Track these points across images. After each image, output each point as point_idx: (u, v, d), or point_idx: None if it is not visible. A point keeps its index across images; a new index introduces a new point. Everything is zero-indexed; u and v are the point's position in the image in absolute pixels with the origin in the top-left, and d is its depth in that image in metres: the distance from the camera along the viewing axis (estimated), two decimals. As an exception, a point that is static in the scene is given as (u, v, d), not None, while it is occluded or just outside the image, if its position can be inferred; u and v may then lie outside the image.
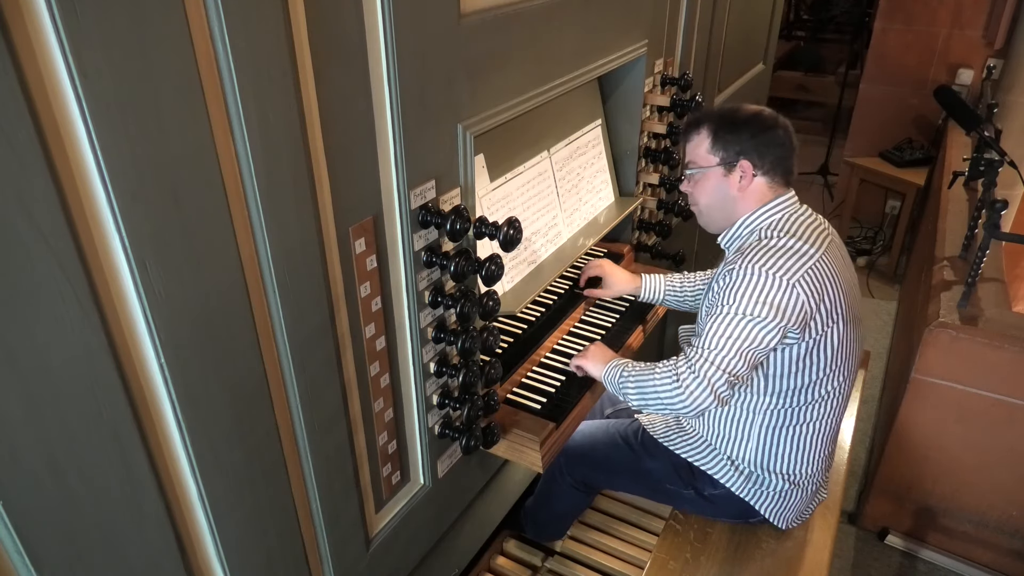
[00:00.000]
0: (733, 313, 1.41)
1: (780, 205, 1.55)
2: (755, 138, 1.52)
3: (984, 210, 2.41)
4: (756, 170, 1.53)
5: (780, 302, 1.40)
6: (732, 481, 1.69)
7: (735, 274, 1.44)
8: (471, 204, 1.29)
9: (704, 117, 1.58)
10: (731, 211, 1.58)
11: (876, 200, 4.65)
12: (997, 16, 3.89)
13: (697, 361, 1.42)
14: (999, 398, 2.20)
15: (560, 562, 2.11)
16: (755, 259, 1.43)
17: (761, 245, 1.47)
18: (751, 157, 1.52)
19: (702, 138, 1.57)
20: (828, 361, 1.52)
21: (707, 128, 1.56)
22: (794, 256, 1.43)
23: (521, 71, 1.34)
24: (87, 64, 0.65)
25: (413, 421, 1.32)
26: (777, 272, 1.41)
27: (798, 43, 6.83)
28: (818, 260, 1.44)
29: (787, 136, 1.54)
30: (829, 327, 1.48)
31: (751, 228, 1.56)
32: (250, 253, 0.89)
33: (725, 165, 1.55)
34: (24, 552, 0.73)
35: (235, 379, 0.90)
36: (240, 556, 0.99)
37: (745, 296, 1.41)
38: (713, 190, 1.58)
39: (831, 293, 1.46)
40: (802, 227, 1.50)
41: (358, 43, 0.95)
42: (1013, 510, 2.35)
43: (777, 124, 1.53)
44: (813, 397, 1.57)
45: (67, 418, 0.73)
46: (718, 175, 1.56)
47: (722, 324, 1.42)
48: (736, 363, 1.40)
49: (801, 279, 1.41)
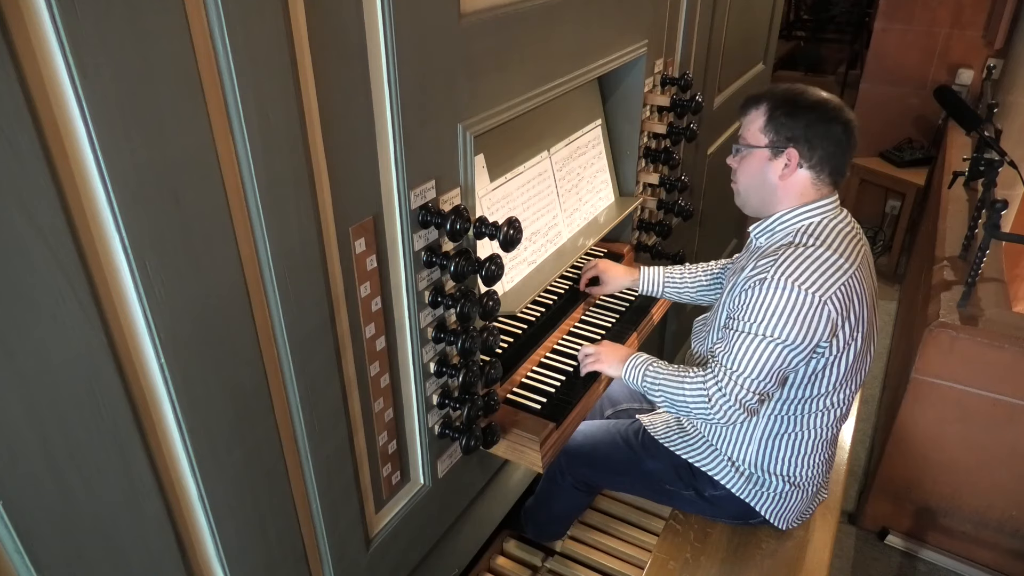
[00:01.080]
0: (762, 335, 1.39)
1: (821, 208, 1.48)
2: (810, 127, 1.43)
3: (984, 210, 2.41)
4: (803, 161, 1.46)
5: (811, 320, 1.37)
6: (732, 482, 1.69)
7: (767, 287, 1.39)
8: (471, 204, 1.29)
9: (767, 94, 1.50)
10: (769, 200, 1.52)
11: (876, 200, 4.65)
12: (997, 16, 3.89)
13: (727, 384, 1.42)
14: (999, 398, 2.20)
15: (560, 562, 2.11)
16: (787, 270, 1.38)
17: (795, 253, 1.41)
18: (801, 147, 1.45)
19: (758, 115, 1.49)
20: (841, 376, 1.51)
21: (766, 106, 1.48)
22: (829, 270, 1.38)
23: (521, 71, 1.34)
24: (87, 64, 0.65)
25: (413, 421, 1.32)
26: (810, 288, 1.36)
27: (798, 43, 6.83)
28: (851, 276, 1.40)
29: (846, 134, 1.45)
30: (850, 344, 1.46)
31: (786, 227, 1.50)
32: (250, 253, 0.89)
33: (773, 149, 1.47)
34: (24, 552, 0.73)
35: (235, 379, 0.90)
36: (240, 556, 0.99)
37: (775, 316, 1.37)
38: (755, 172, 1.51)
39: (856, 309, 1.43)
40: (839, 237, 1.45)
41: (358, 43, 0.95)
42: (1013, 510, 2.35)
43: (838, 119, 1.44)
44: (819, 407, 1.56)
45: (67, 418, 0.73)
46: (764, 157, 1.49)
47: (751, 346, 1.40)
48: (766, 384, 1.41)
49: (833, 295, 1.37)
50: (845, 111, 1.46)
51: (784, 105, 1.46)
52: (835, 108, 1.46)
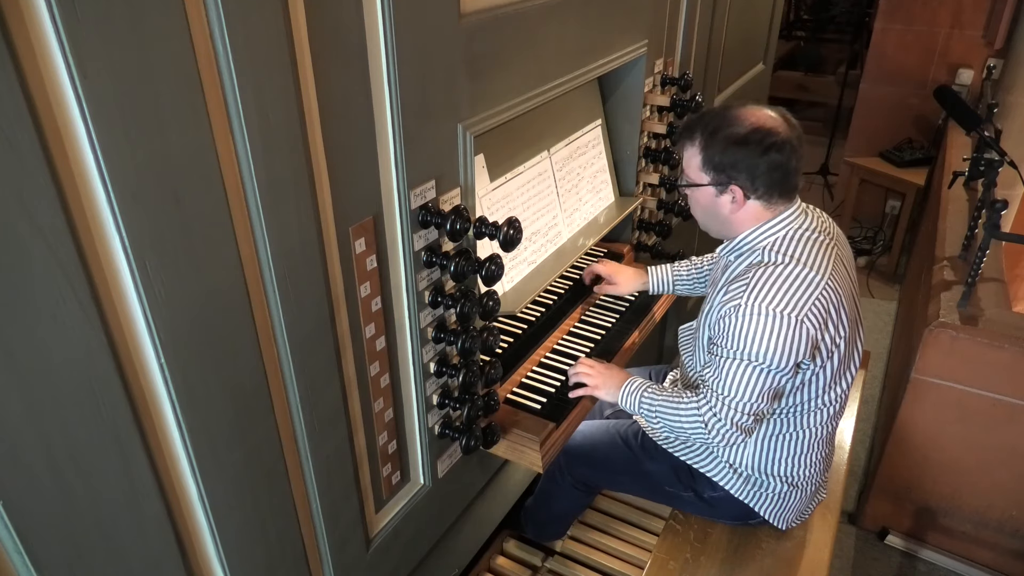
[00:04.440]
0: (746, 360, 1.39)
1: (782, 223, 1.46)
2: (747, 161, 1.39)
3: (984, 210, 2.41)
4: (749, 193, 1.43)
5: (790, 341, 1.36)
6: (731, 484, 1.69)
7: (742, 314, 1.38)
8: (471, 204, 1.29)
9: (697, 125, 1.46)
10: (728, 227, 1.51)
11: (876, 200, 4.65)
12: (997, 16, 3.89)
13: (721, 410, 1.44)
14: (999, 398, 2.20)
15: (560, 562, 2.11)
16: (760, 295, 1.37)
17: (765, 274, 1.39)
18: (743, 182, 1.42)
19: (694, 152, 1.46)
20: (829, 378, 1.51)
21: (699, 142, 1.45)
22: (801, 287, 1.37)
23: (521, 71, 1.34)
24: (87, 64, 0.65)
25: (413, 421, 1.32)
26: (784, 310, 1.35)
27: (798, 43, 6.83)
28: (824, 287, 1.39)
29: (788, 155, 1.39)
30: (832, 352, 1.46)
31: (752, 245, 1.49)
32: (250, 253, 0.89)
33: (716, 186, 1.45)
34: (24, 552, 0.73)
35: (235, 379, 0.90)
36: (240, 556, 0.99)
37: (755, 342, 1.37)
38: (707, 206, 1.50)
39: (834, 317, 1.42)
40: (807, 247, 1.43)
41: (358, 43, 0.95)
42: (1013, 510, 2.35)
43: (773, 146, 1.38)
44: (814, 406, 1.57)
45: (67, 418, 0.73)
46: (710, 194, 1.47)
47: (736, 372, 1.41)
48: (758, 404, 1.43)
49: (809, 313, 1.37)
50: (780, 132, 1.39)
51: (716, 144, 1.42)
52: (768, 133, 1.38)
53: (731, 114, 1.43)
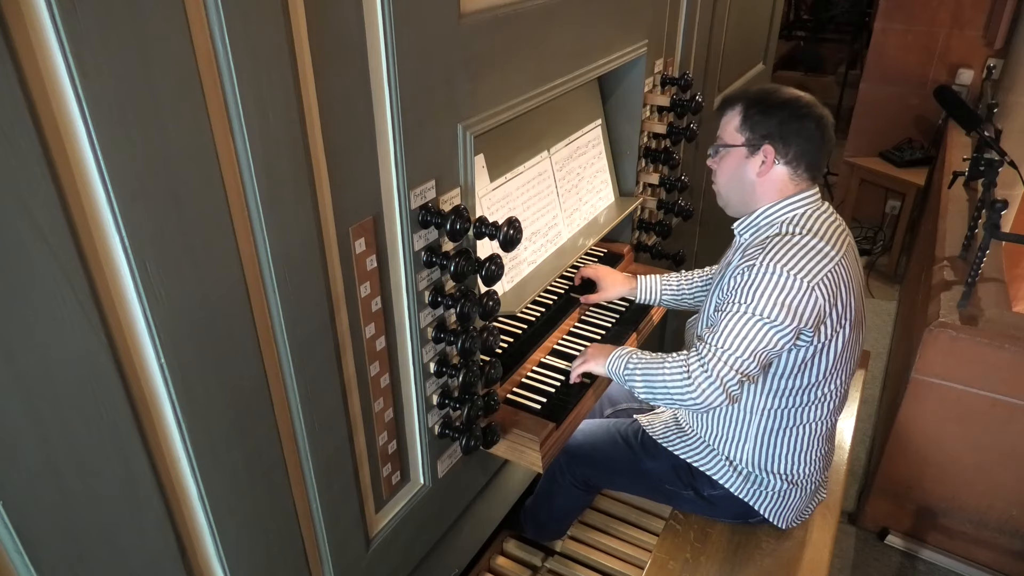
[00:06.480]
0: (750, 314, 1.40)
1: (802, 200, 1.51)
2: (783, 124, 1.47)
3: (984, 210, 2.41)
4: (779, 157, 1.49)
5: (798, 305, 1.39)
6: (731, 482, 1.69)
7: (755, 272, 1.41)
8: (471, 204, 1.29)
9: (742, 95, 1.55)
10: (750, 197, 1.55)
11: (876, 200, 4.65)
12: (997, 16, 3.89)
13: (710, 360, 1.42)
14: (999, 398, 2.20)
15: (560, 562, 2.11)
16: (776, 256, 1.41)
17: (783, 241, 1.44)
18: (775, 143, 1.49)
19: (733, 115, 1.54)
20: (831, 364, 1.52)
21: (740, 106, 1.53)
22: (816, 256, 1.41)
23: (521, 71, 1.34)
24: (87, 64, 0.65)
25: (413, 421, 1.32)
26: (799, 273, 1.39)
27: (798, 43, 6.83)
28: (838, 263, 1.43)
29: (819, 130, 1.49)
30: (837, 332, 1.47)
31: (771, 220, 1.53)
32: (250, 253, 0.88)
33: (749, 147, 1.51)
34: (24, 552, 0.73)
35: (235, 379, 0.90)
36: (240, 556, 0.99)
37: (763, 297, 1.39)
38: (734, 171, 1.55)
39: (844, 297, 1.45)
40: (824, 225, 1.48)
41: (358, 43, 0.95)
42: (1013, 510, 2.35)
43: (810, 115, 1.48)
44: (812, 398, 1.57)
45: (67, 418, 0.73)
46: (741, 155, 1.53)
47: (738, 324, 1.41)
48: (749, 364, 1.41)
49: (821, 282, 1.40)
50: (817, 108, 1.50)
51: (757, 104, 1.51)
52: (806, 105, 1.50)
53: (776, 86, 1.56)
